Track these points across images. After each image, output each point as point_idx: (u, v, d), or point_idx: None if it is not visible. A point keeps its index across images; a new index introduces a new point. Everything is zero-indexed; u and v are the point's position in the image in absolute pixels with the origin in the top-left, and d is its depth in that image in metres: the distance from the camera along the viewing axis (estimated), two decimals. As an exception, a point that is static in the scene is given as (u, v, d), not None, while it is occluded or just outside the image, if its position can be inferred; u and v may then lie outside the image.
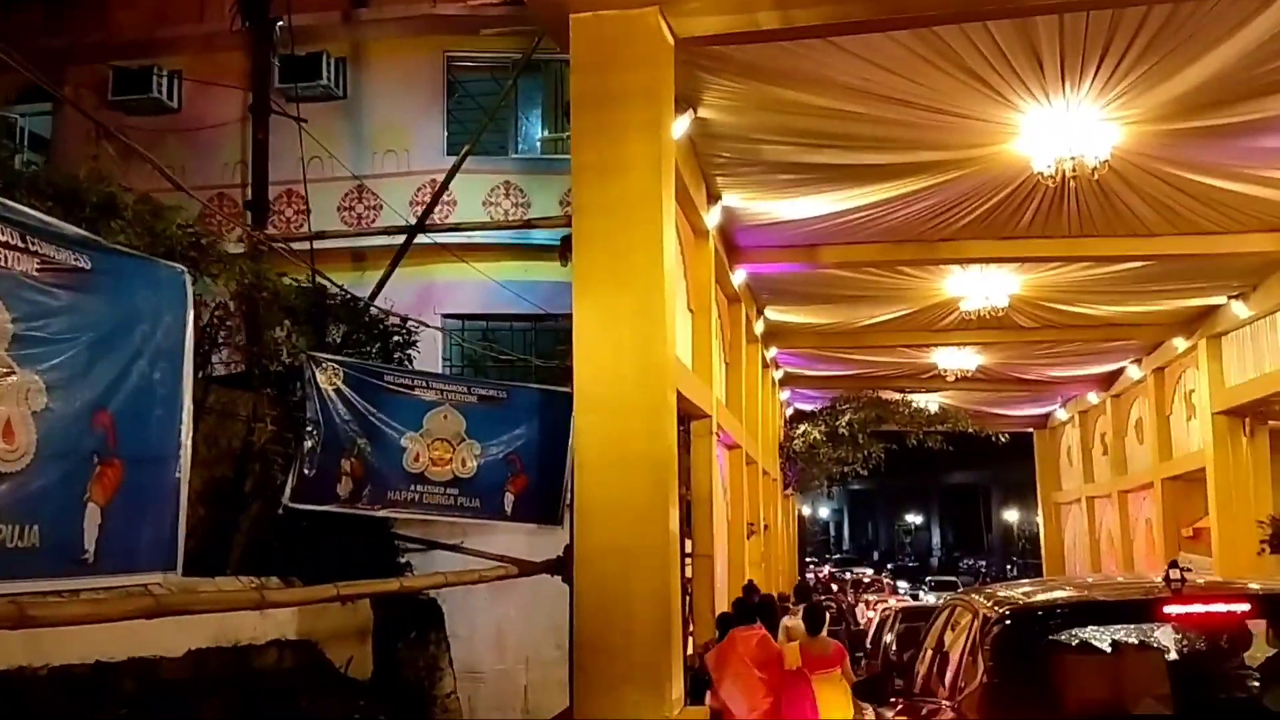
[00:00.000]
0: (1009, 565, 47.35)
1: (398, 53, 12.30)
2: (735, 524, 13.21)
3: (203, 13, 12.05)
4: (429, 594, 7.62)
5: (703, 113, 8.35)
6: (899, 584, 39.34)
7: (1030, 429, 28.49)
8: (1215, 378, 16.07)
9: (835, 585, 30.99)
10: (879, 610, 19.08)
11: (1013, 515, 51.64)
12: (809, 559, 44.49)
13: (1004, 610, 4.44)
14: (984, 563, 51.30)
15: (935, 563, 56.73)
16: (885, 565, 53.05)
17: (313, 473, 6.23)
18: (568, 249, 6.72)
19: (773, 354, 18.38)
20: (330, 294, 7.58)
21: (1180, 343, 17.10)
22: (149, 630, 4.35)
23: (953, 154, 9.37)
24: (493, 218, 11.53)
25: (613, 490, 6.02)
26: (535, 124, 12.60)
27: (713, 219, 10.34)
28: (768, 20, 6.48)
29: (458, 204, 11.58)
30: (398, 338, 7.80)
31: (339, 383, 6.31)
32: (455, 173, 10.27)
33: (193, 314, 4.50)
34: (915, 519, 63.96)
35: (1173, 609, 4.16)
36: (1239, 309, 14.77)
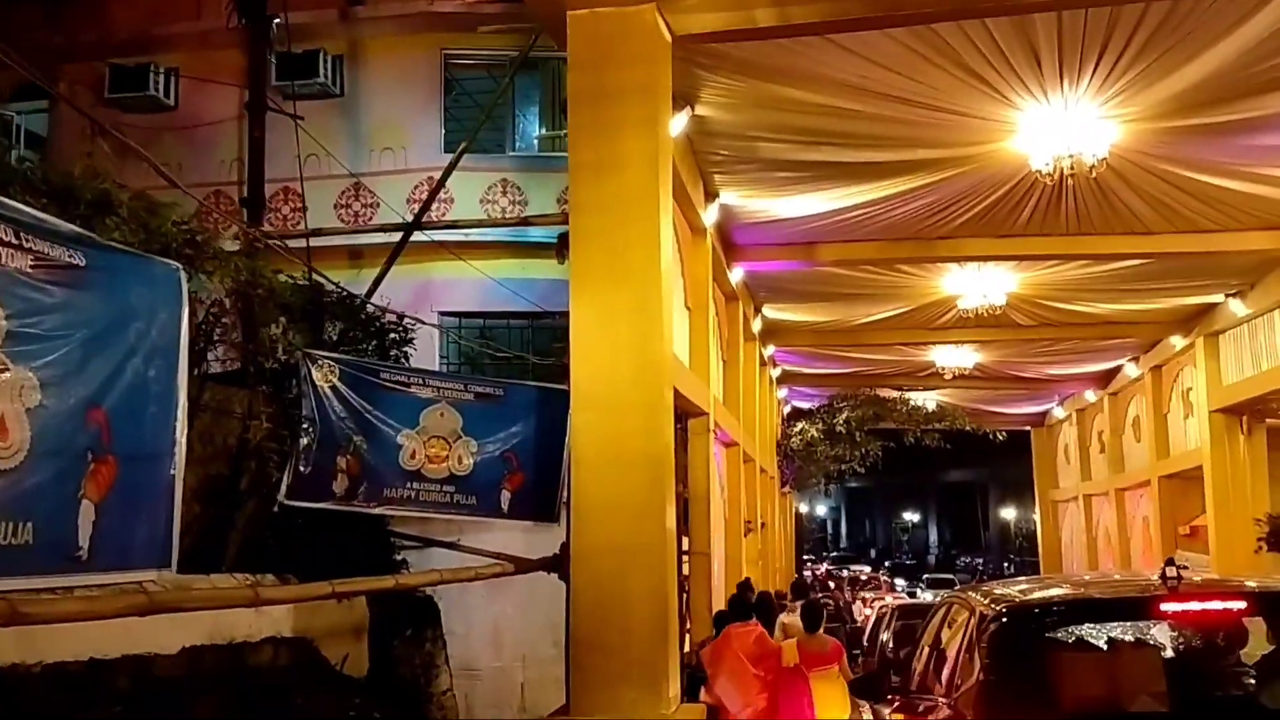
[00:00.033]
0: (1006, 563, 47.42)
1: (395, 50, 12.27)
2: (732, 522, 13.21)
3: (199, 10, 12.01)
4: (425, 591, 7.61)
5: (700, 110, 8.34)
6: (896, 582, 39.34)
7: (1027, 427, 28.50)
8: (1213, 376, 16.08)
9: (833, 583, 30.98)
10: (876, 608, 19.08)
11: (1010, 513, 51.71)
12: (806, 557, 44.55)
13: (1001, 608, 4.44)
14: (981, 560, 51.35)
15: (932, 560, 56.78)
16: (883, 563, 53.05)
17: (308, 470, 6.21)
18: (565, 246, 6.71)
19: (770, 352, 18.38)
20: (327, 291, 7.56)
21: (1178, 341, 17.11)
22: (143, 628, 4.34)
23: (950, 152, 9.36)
24: (490, 215, 11.51)
25: (609, 488, 6.01)
26: (533, 122, 12.58)
27: (710, 217, 10.33)
28: (765, 17, 6.47)
29: (455, 202, 11.57)
30: (394, 335, 7.78)
31: (335, 380, 6.30)
32: (452, 170, 10.26)
33: (188, 311, 4.48)
34: (912, 517, 64.02)
35: (1169, 606, 4.16)
36: (1236, 307, 14.78)
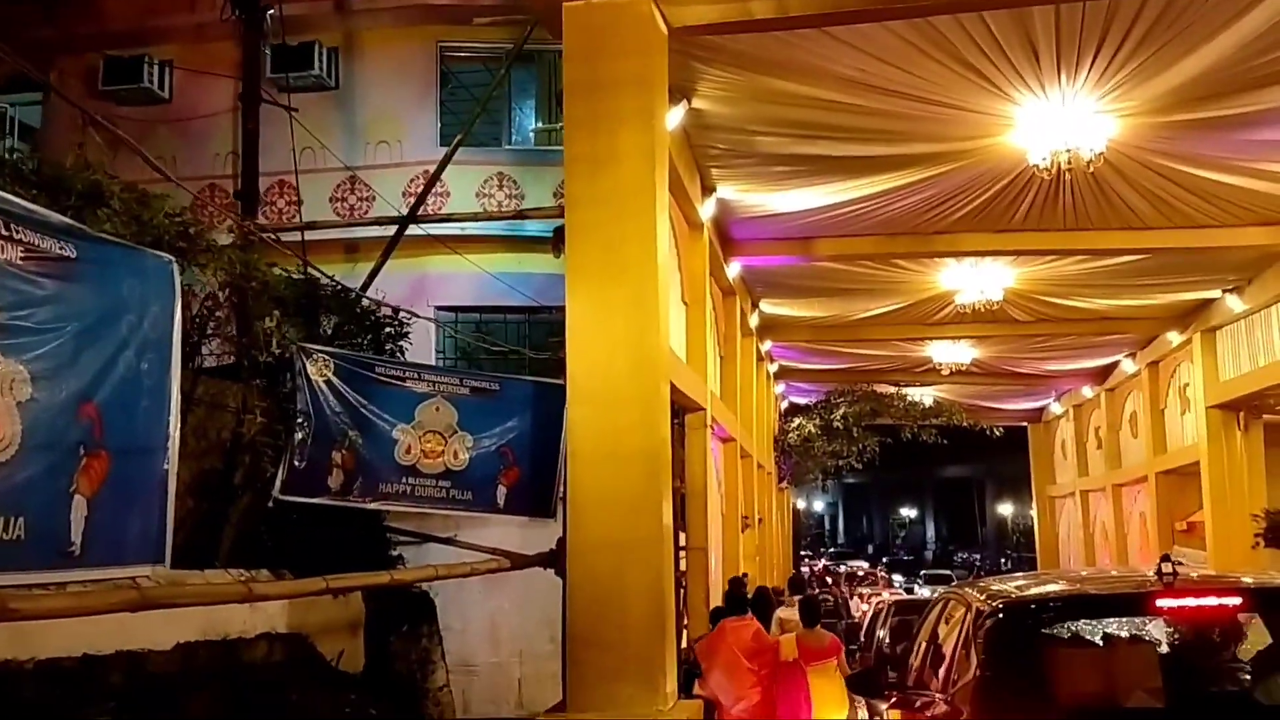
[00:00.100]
0: (1003, 559, 47.49)
1: (390, 43, 12.24)
2: (729, 517, 13.19)
3: (194, 3, 11.97)
4: (421, 587, 7.59)
5: (697, 104, 8.30)
6: (893, 577, 39.39)
7: (1024, 423, 28.53)
8: (1210, 371, 16.09)
9: (830, 579, 31.01)
10: (873, 603, 19.10)
11: (1007, 509, 51.79)
12: (804, 552, 44.59)
13: (997, 604, 4.43)
14: (978, 556, 51.37)
15: (930, 556, 56.80)
16: (880, 559, 53.11)
17: (303, 465, 6.17)
18: (561, 240, 6.67)
19: (767, 347, 18.36)
20: (322, 285, 7.52)
21: (1175, 336, 17.11)
22: (137, 623, 4.31)
23: (948, 146, 9.34)
24: (486, 209, 11.48)
25: (606, 483, 5.98)
26: (529, 115, 12.55)
27: (707, 211, 10.30)
28: (762, 10, 6.44)
29: (451, 195, 11.54)
30: (390, 329, 7.74)
31: (330, 374, 6.26)
32: (447, 163, 10.22)
33: (181, 304, 4.45)
34: (910, 512, 64.09)
35: (1164, 602, 4.16)
36: (1234, 302, 14.79)
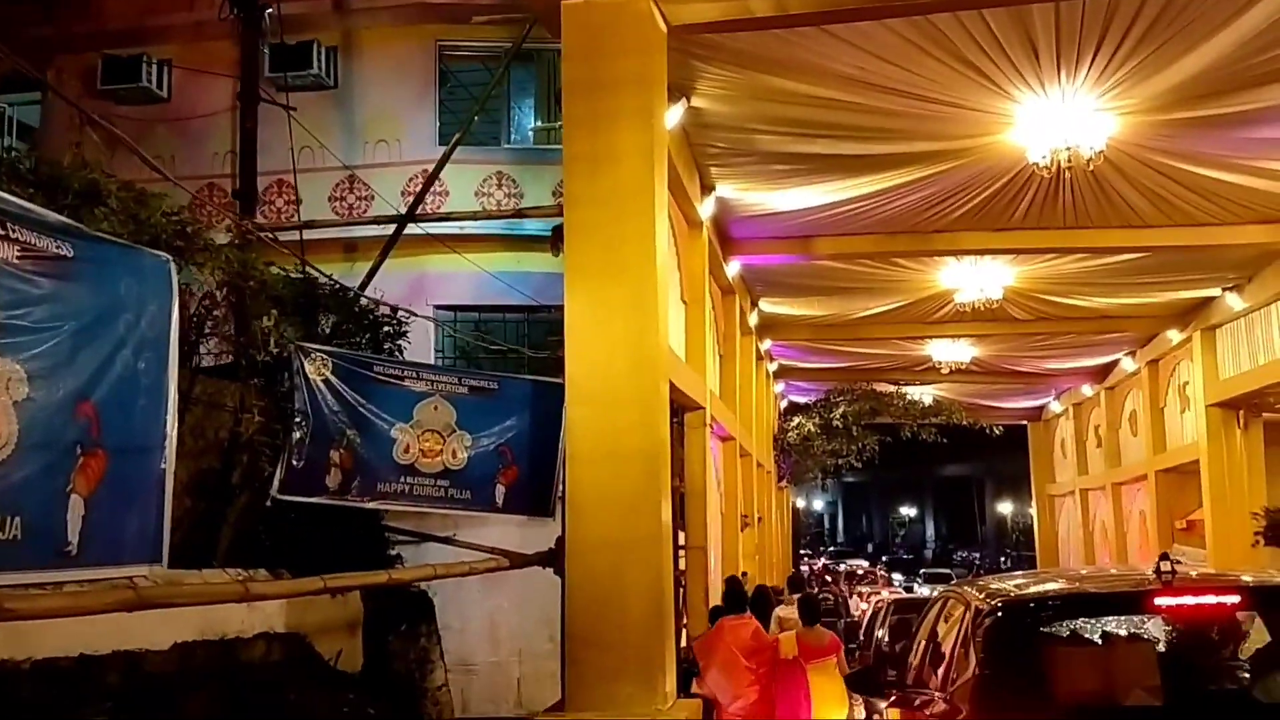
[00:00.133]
0: (1003, 557, 47.48)
1: (389, 41, 12.23)
2: (729, 516, 13.18)
3: (192, 1, 11.96)
4: (419, 586, 7.58)
5: (696, 102, 8.29)
6: (893, 576, 39.41)
7: (1024, 421, 28.51)
8: (1209, 370, 16.08)
9: (829, 577, 31.02)
10: (872, 602, 19.10)
11: (1007, 507, 51.77)
12: (803, 551, 44.59)
13: (996, 602, 4.43)
14: (978, 555, 51.40)
15: (929, 555, 56.82)
16: (879, 557, 53.14)
17: (301, 464, 6.17)
18: (560, 239, 6.66)
19: (767, 346, 18.35)
20: (320, 284, 7.51)
21: (1175, 335, 17.10)
22: (134, 623, 4.30)
23: (948, 144, 9.33)
24: (485, 208, 11.46)
25: (605, 482, 5.96)
26: (528, 114, 12.54)
27: (706, 210, 10.28)
28: (761, 7, 6.42)
29: (450, 194, 11.53)
30: (388, 328, 7.74)
31: (328, 373, 6.25)
32: (445, 162, 10.20)
33: (178, 303, 4.44)
34: (909, 511, 64.11)
35: (1162, 601, 4.17)
36: (1233, 301, 14.77)
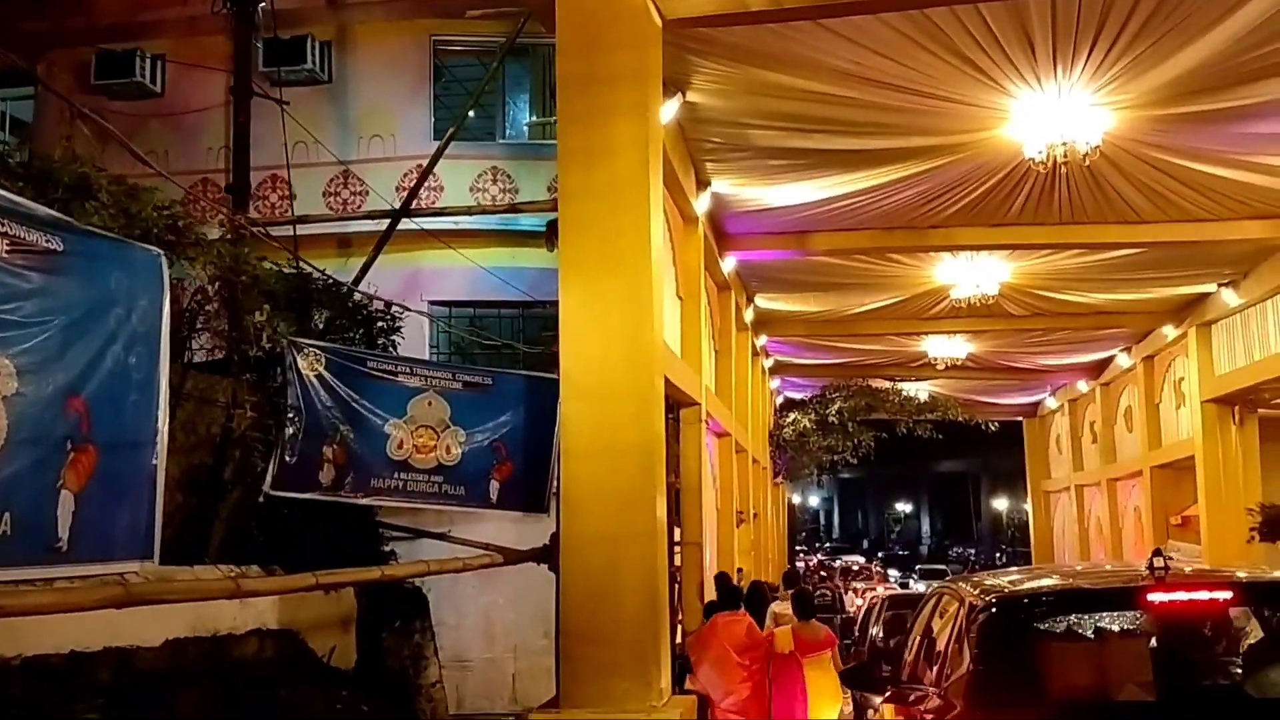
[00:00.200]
0: (998, 553, 47.60)
1: (383, 36, 12.19)
2: (724, 512, 13.18)
3: (186, -5, 11.91)
4: (414, 582, 7.56)
5: (691, 97, 8.26)
6: (889, 572, 39.48)
7: (1020, 417, 28.55)
8: (1205, 366, 16.09)
9: (825, 573, 31.04)
10: (867, 598, 19.10)
11: (1002, 503, 51.88)
12: (799, 547, 44.65)
13: (990, 598, 4.42)
14: (973, 551, 51.54)
15: (925, 551, 56.98)
16: (875, 553, 53.21)
17: (294, 460, 6.14)
18: (554, 234, 6.63)
19: (763, 342, 18.34)
20: (313, 279, 7.47)
21: (1170, 331, 17.11)
22: (126, 620, 4.27)
23: (944, 139, 9.31)
24: (480, 203, 11.43)
25: (600, 478, 5.94)
26: (523, 109, 12.51)
27: (702, 205, 10.26)
28: (757, 1, 6.40)
29: (445, 189, 11.49)
30: (382, 324, 7.71)
31: (321, 369, 6.22)
32: (439, 157, 10.17)
33: (169, 298, 4.41)
34: (905, 507, 64.24)
35: (1156, 597, 4.17)
36: (1229, 297, 14.78)
